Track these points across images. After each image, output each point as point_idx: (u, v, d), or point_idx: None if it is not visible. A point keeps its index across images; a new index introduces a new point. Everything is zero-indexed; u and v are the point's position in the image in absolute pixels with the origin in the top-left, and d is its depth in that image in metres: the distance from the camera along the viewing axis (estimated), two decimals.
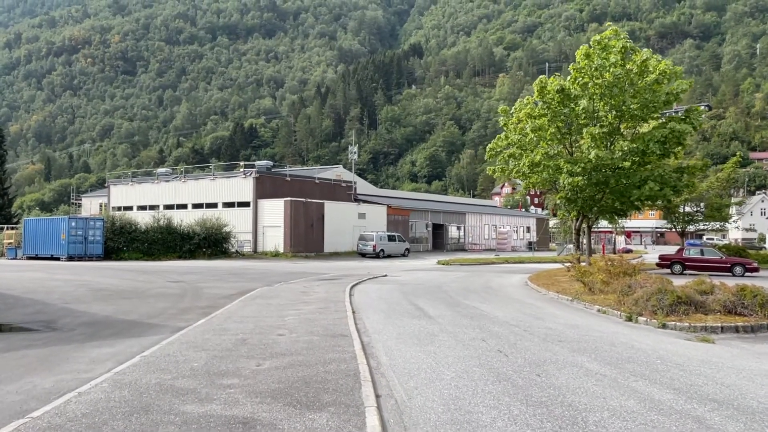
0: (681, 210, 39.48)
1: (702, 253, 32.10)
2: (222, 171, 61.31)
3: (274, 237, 48.71)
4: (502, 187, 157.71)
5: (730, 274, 30.51)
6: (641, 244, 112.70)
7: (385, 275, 28.62)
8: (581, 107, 21.39)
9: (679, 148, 21.71)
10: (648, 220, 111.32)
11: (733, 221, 45.74)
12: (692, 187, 25.96)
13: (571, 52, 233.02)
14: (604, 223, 54.70)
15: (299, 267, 35.74)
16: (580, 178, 20.97)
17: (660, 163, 22.74)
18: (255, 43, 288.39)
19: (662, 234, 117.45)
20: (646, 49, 21.83)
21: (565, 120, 22.43)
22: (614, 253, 64.85)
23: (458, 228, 64.90)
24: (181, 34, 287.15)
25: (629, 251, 65.60)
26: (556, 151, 22.89)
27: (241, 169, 53.00)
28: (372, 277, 27.02)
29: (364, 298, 18.78)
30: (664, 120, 21.91)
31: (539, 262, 43.48)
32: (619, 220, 28.18)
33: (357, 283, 23.50)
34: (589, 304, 17.04)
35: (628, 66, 20.61)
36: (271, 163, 62.02)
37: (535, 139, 22.68)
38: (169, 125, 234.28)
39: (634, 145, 20.56)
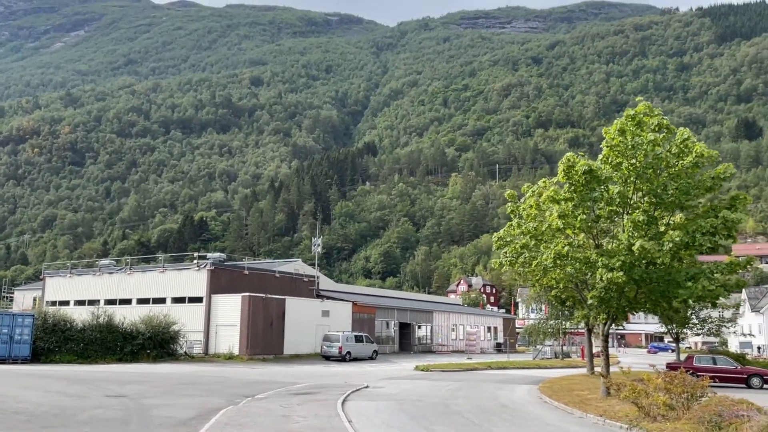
0: (689, 312, 36.52)
1: (714, 361, 29.11)
2: (172, 263, 56.48)
3: (229, 337, 43.77)
4: (457, 285, 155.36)
5: (744, 386, 27.49)
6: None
7: (366, 386, 24.41)
8: (616, 191, 18.70)
9: (730, 240, 19.06)
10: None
11: (730, 326, 43.20)
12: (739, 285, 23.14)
13: (519, 154, 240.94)
14: (579, 324, 51.77)
15: (260, 374, 31.06)
16: (621, 273, 17.85)
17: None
18: (209, 137, 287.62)
19: (623, 336, 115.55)
20: (682, 128, 19.59)
21: (593, 206, 19.63)
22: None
23: (426, 327, 60.98)
24: (134, 127, 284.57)
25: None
26: (580, 242, 19.92)
27: (194, 261, 48.48)
28: (355, 389, 22.78)
29: (370, 428, 14.67)
30: (706, 208, 19.37)
31: (524, 368, 39.79)
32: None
33: (344, 401, 19.30)
34: None
35: (665, 146, 18.23)
36: (224, 255, 57.57)
37: (561, 226, 19.61)
38: (116, 217, 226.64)
39: (680, 237, 17.74)
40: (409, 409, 17.86)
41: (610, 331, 35.91)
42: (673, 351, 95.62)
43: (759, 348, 68.41)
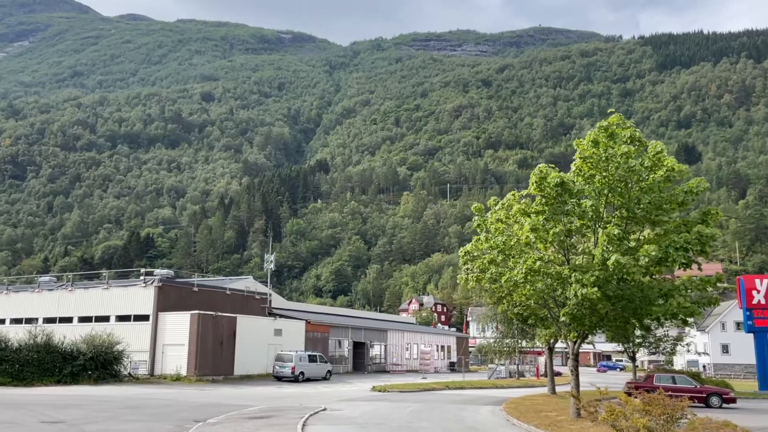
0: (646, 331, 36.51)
1: (674, 380, 29.16)
2: (116, 279, 54.08)
3: (177, 357, 41.94)
4: (409, 304, 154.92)
5: (704, 405, 27.50)
6: (545, 364, 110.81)
7: (324, 408, 23.36)
8: (589, 204, 18.33)
9: (702, 256, 18.89)
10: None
11: (686, 345, 43.65)
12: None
13: (470, 174, 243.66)
14: (536, 344, 51.56)
15: (210, 396, 29.63)
16: (595, 289, 17.40)
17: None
18: (157, 152, 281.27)
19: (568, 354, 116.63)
20: (655, 141, 19.45)
21: (564, 219, 19.23)
22: (545, 375, 61.64)
23: (380, 347, 60.00)
24: (79, 141, 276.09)
25: (558, 374, 62.62)
26: (550, 257, 19.46)
27: (141, 277, 46.49)
28: (313, 412, 21.74)
29: None
30: (677, 223, 19.18)
31: (481, 388, 39.33)
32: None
33: (304, 425, 18.26)
34: None
35: (637, 159, 18.00)
36: (172, 272, 55.53)
37: (533, 240, 19.09)
38: (57, 233, 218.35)
39: (655, 252, 17.43)
40: None
41: (557, 349, 35.91)
42: (621, 369, 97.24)
43: (704, 366, 69.85)
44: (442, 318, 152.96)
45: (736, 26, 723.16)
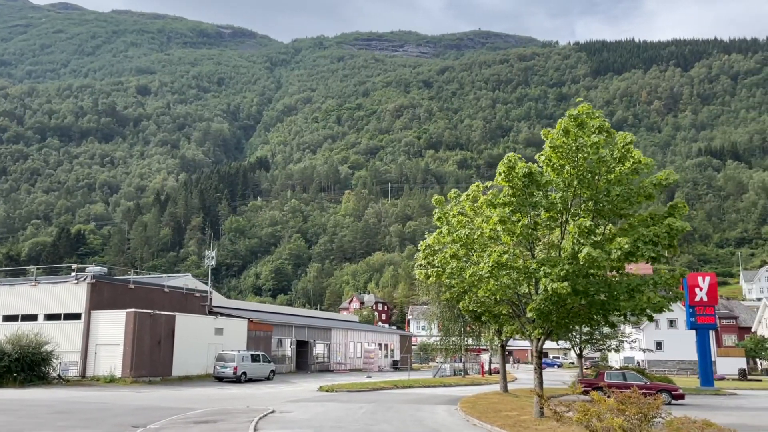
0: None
1: (624, 377, 29.38)
2: (45, 276, 51.09)
3: (111, 358, 39.78)
4: (350, 302, 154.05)
5: None
6: (489, 362, 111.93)
7: (273, 411, 22.25)
8: (559, 196, 17.83)
9: (670, 250, 18.66)
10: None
11: (630, 341, 44.33)
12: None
13: (411, 174, 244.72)
14: (470, 340, 51.64)
15: (148, 398, 28.03)
16: (566, 283, 16.88)
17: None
18: (89, 146, 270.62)
19: (510, 352, 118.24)
20: (624, 132, 19.14)
21: (530, 211, 18.71)
22: (490, 373, 61.91)
23: (323, 345, 58.87)
24: (5, 133, 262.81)
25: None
26: (514, 251, 18.87)
27: (73, 274, 43.95)
28: (262, 415, 20.62)
29: None
30: (643, 216, 18.93)
31: (429, 386, 38.90)
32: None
33: (257, 429, 17.14)
34: None
35: (607, 150, 17.61)
36: (105, 269, 52.84)
37: (501, 232, 18.42)
38: None
39: (628, 245, 17.04)
40: None
41: (499, 346, 35.84)
42: (559, 366, 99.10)
43: (639, 363, 71.72)
44: (383, 316, 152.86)
45: (665, 36, 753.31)
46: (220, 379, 41.26)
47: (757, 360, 79.00)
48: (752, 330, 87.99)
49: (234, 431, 16.71)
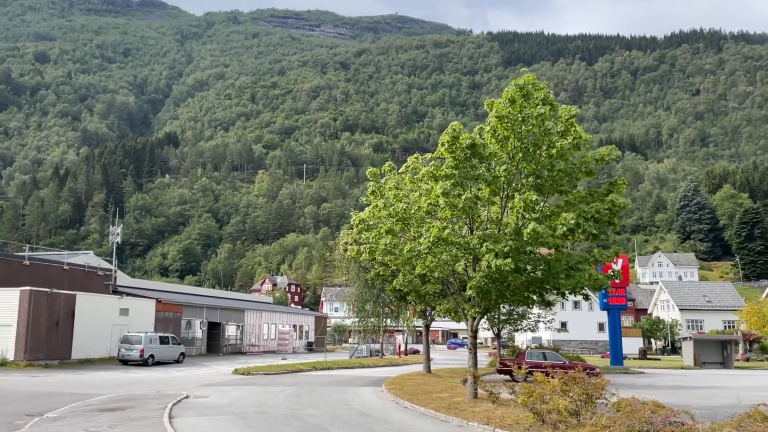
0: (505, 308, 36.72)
1: (545, 356, 29.71)
2: None
3: (2, 339, 36.46)
4: (262, 284, 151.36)
5: None
6: (404, 342, 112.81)
7: (186, 396, 20.72)
8: (503, 169, 17.16)
9: (611, 227, 18.46)
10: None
11: (547, 321, 45.11)
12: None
13: (327, 155, 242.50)
14: (389, 321, 51.37)
15: (46, 383, 25.68)
16: (509, 260, 16.25)
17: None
18: None
19: (421, 333, 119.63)
20: (568, 105, 18.74)
21: (472, 185, 17.98)
22: (406, 354, 61.97)
23: (236, 327, 56.87)
24: None
25: (416, 352, 63.35)
26: (454, 227, 18.10)
27: None
28: (175, 400, 19.07)
29: None
30: (583, 193, 18.63)
31: (348, 367, 38.20)
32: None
33: (170, 417, 15.66)
34: None
35: (552, 122, 17.12)
36: None
37: (443, 205, 17.55)
38: None
39: (574, 220, 16.61)
40: (257, 425, 14.96)
41: (423, 327, 35.68)
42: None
43: (546, 342, 73.90)
44: (296, 298, 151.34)
45: (572, 30, 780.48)
46: (126, 362, 38.83)
47: (652, 340, 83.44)
48: (648, 312, 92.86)
49: (146, 419, 15.21)
